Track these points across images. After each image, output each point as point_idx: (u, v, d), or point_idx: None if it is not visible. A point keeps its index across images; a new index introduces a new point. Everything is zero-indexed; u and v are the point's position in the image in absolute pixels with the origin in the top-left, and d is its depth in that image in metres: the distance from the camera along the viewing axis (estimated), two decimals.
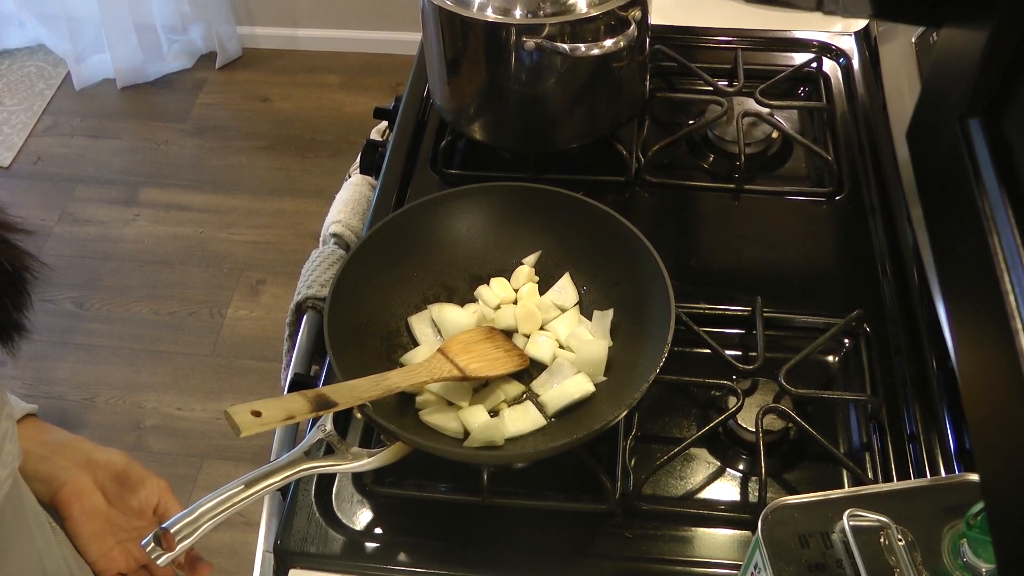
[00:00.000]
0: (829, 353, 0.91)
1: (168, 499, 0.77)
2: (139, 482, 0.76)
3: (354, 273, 0.86)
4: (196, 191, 2.48)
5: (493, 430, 0.79)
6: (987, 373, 0.43)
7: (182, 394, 2.06)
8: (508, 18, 0.93)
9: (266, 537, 0.84)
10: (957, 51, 0.49)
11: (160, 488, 0.77)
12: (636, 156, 1.08)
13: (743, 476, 0.83)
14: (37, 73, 2.84)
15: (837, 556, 0.58)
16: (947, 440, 0.81)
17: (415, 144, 1.14)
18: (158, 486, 0.77)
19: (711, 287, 0.96)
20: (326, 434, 0.78)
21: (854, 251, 1.00)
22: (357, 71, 2.79)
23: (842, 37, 1.22)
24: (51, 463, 0.73)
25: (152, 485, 0.77)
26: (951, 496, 0.60)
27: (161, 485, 0.77)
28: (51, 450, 0.74)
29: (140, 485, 0.76)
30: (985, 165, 0.45)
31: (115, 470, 0.75)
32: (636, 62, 1.02)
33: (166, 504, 0.77)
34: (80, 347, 2.15)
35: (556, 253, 0.93)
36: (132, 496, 0.76)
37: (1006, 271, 0.41)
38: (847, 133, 1.11)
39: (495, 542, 0.80)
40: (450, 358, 0.82)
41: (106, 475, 0.75)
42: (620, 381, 0.83)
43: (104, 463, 0.75)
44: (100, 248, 2.36)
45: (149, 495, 0.76)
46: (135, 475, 0.76)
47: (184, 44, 2.82)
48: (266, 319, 2.19)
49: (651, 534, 0.79)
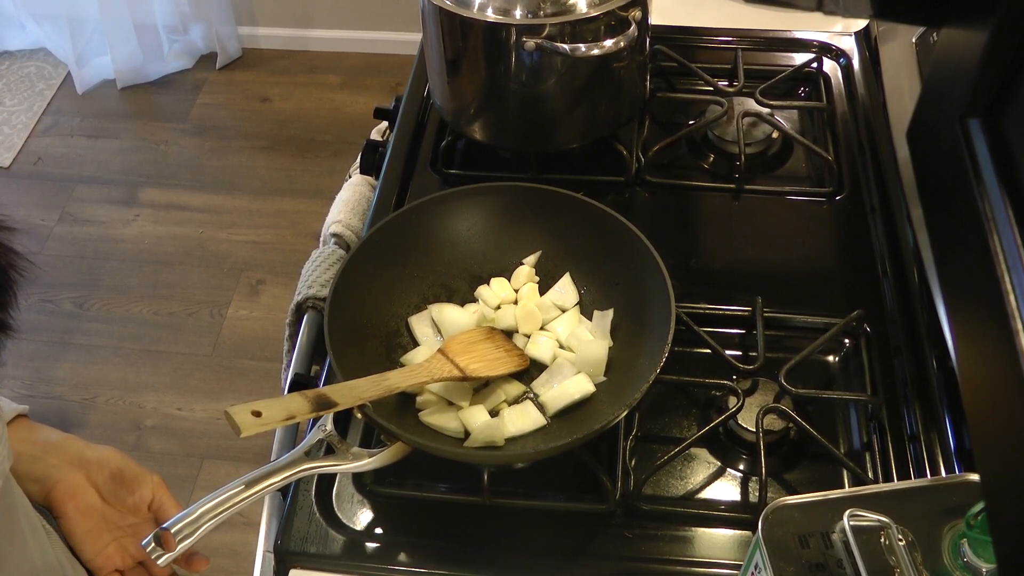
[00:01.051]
0: (829, 353, 0.91)
1: (163, 494, 0.77)
2: (133, 478, 0.76)
3: (354, 273, 0.86)
4: (196, 191, 2.48)
5: (493, 430, 0.79)
6: (987, 373, 0.43)
7: (182, 394, 2.06)
8: (508, 18, 0.93)
9: (266, 537, 0.84)
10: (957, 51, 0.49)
11: (155, 483, 0.77)
12: (636, 156, 1.08)
13: (743, 476, 0.83)
14: (37, 73, 2.84)
15: (837, 556, 0.58)
16: (947, 440, 0.81)
17: (415, 144, 1.14)
18: (152, 482, 0.77)
19: (711, 287, 0.96)
20: (326, 434, 0.78)
21: (854, 251, 1.00)
22: (357, 71, 2.79)
23: (842, 37, 1.22)
24: (43, 462, 0.72)
25: (146, 481, 0.76)
26: (951, 496, 0.60)
27: (155, 481, 0.77)
28: (43, 449, 0.73)
29: (134, 481, 0.76)
30: (985, 165, 0.45)
31: (108, 467, 0.75)
32: (636, 62, 1.02)
33: (161, 500, 0.77)
34: (80, 347, 2.15)
35: (556, 253, 0.93)
36: (127, 493, 0.75)
37: (1006, 271, 0.41)
38: (847, 133, 1.11)
39: (495, 542, 0.80)
40: (450, 358, 0.82)
41: (99, 473, 0.74)
42: (620, 381, 0.83)
43: (97, 461, 0.75)
44: (100, 248, 2.36)
45: (144, 491, 0.76)
46: (129, 472, 0.76)
47: (184, 44, 2.82)
48: (266, 319, 2.19)
49: (651, 534, 0.79)
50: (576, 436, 0.74)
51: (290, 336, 1.02)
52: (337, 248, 1.05)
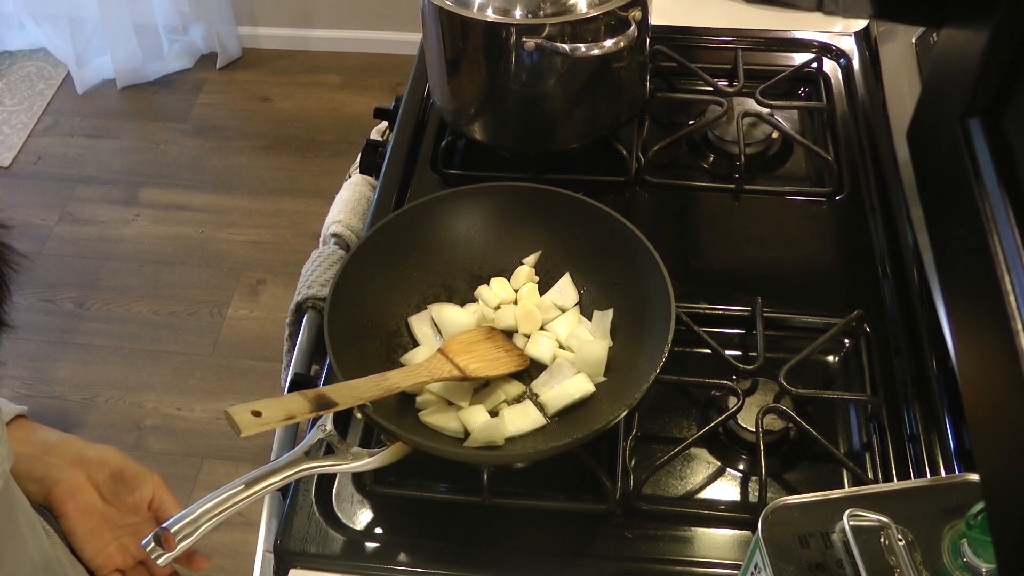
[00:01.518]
0: (829, 353, 0.91)
1: (163, 493, 0.77)
2: (133, 477, 0.76)
3: (354, 273, 0.86)
4: (196, 191, 2.48)
5: (493, 430, 0.79)
6: (987, 373, 0.43)
7: (182, 394, 2.06)
8: (508, 18, 0.93)
9: (266, 537, 0.84)
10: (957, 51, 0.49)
11: (154, 482, 0.77)
12: (636, 156, 1.08)
13: (743, 476, 0.83)
14: (37, 73, 2.84)
15: (837, 556, 0.58)
16: (947, 440, 0.81)
17: (415, 144, 1.14)
18: (152, 480, 0.77)
19: (711, 287, 0.96)
20: (326, 434, 0.78)
21: (854, 251, 1.00)
22: (357, 71, 2.79)
23: (842, 37, 1.22)
24: (43, 462, 0.72)
25: (147, 480, 0.76)
26: (951, 496, 0.60)
27: (155, 479, 0.77)
28: (42, 449, 0.73)
29: (134, 480, 0.76)
30: (985, 165, 0.45)
31: (108, 466, 0.75)
32: (636, 62, 1.02)
33: (161, 499, 0.77)
34: (80, 347, 2.15)
35: (556, 253, 0.93)
36: (127, 492, 0.75)
37: (1006, 271, 0.41)
38: (847, 133, 1.11)
39: (495, 542, 0.80)
40: (450, 358, 0.82)
41: (99, 472, 0.74)
42: (620, 381, 0.83)
43: (97, 460, 0.75)
44: (100, 248, 2.36)
45: (144, 490, 0.76)
46: (129, 471, 0.76)
47: (184, 44, 2.82)
48: (266, 319, 2.19)
49: (651, 534, 0.79)
50: (576, 436, 0.74)
51: (290, 336, 1.02)
52: (337, 248, 1.05)
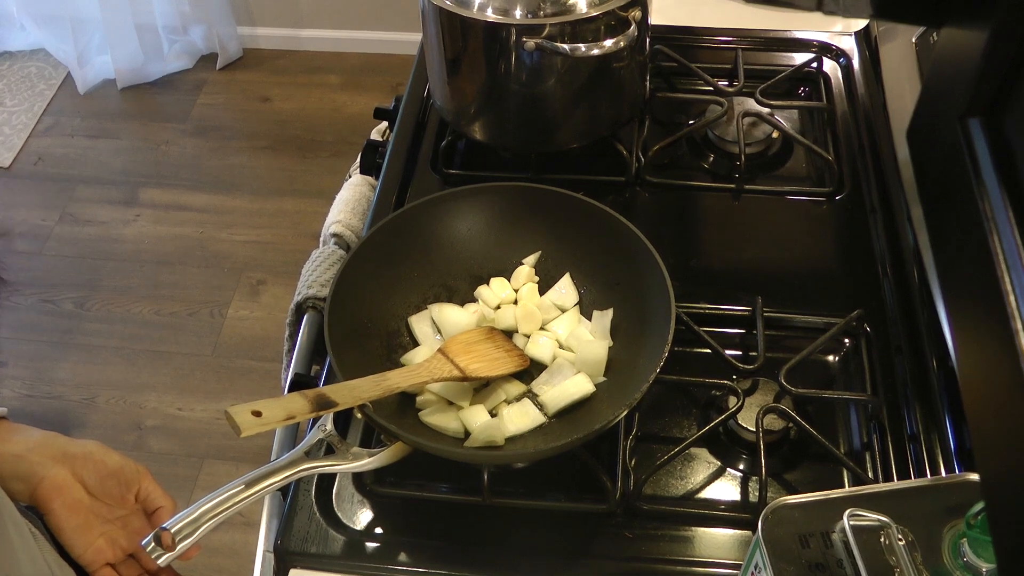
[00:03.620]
0: (829, 353, 0.91)
1: (149, 484, 0.77)
2: (119, 470, 0.75)
3: (354, 273, 0.86)
4: (196, 191, 2.48)
5: (493, 430, 0.79)
6: (987, 373, 0.43)
7: (182, 394, 2.06)
8: (508, 18, 0.93)
9: (266, 537, 0.84)
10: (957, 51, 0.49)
11: (140, 473, 0.77)
12: (636, 156, 1.08)
13: (743, 476, 0.83)
14: (38, 74, 2.84)
15: (837, 556, 0.58)
16: (947, 440, 0.81)
17: (415, 144, 1.14)
18: (138, 471, 0.76)
19: (711, 287, 0.96)
20: (326, 434, 0.78)
21: (854, 251, 1.00)
22: (357, 71, 2.79)
23: (842, 37, 1.22)
24: (27, 460, 0.72)
25: (132, 472, 0.76)
26: (951, 496, 0.60)
27: (141, 470, 0.77)
28: (25, 448, 0.73)
29: (120, 473, 0.75)
30: (985, 165, 0.44)
31: (93, 460, 0.75)
32: (636, 62, 1.02)
33: (148, 489, 0.77)
34: (80, 347, 2.15)
35: (556, 253, 0.93)
36: (113, 485, 0.75)
37: (1006, 271, 0.41)
38: (847, 133, 1.11)
39: (495, 542, 0.80)
40: (450, 358, 0.82)
41: (84, 467, 0.74)
42: (620, 381, 0.83)
43: (81, 455, 0.74)
44: (100, 248, 2.36)
45: (130, 482, 0.76)
46: (113, 463, 0.75)
47: (185, 45, 2.82)
48: (266, 319, 2.19)
49: (651, 534, 0.79)
50: (576, 436, 0.74)
51: (290, 336, 1.02)
52: (337, 248, 1.05)
